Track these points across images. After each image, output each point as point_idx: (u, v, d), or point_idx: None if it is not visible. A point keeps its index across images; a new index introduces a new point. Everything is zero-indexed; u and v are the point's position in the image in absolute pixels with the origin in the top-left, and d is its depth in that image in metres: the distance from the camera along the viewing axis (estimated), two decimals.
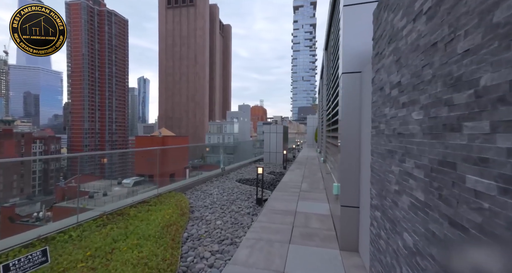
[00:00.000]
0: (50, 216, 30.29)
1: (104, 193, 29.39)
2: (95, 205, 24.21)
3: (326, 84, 6.44)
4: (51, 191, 55.14)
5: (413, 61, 1.16)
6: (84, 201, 25.13)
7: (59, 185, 44.47)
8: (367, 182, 2.36)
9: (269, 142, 10.84)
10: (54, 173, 61.89)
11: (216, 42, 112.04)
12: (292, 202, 4.54)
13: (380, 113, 1.77)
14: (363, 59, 2.59)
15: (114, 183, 39.70)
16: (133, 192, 31.29)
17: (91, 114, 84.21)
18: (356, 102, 2.60)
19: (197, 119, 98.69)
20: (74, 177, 41.63)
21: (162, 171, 16.59)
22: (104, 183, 37.28)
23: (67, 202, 23.51)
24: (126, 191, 32.93)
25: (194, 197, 5.08)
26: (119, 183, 38.98)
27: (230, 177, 7.44)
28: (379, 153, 1.80)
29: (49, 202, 39.24)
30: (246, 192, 5.51)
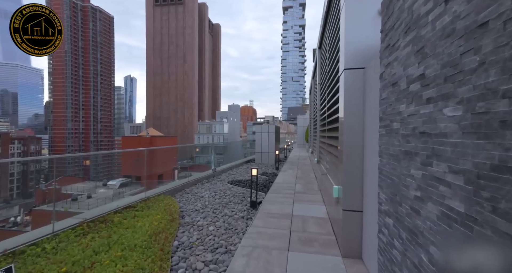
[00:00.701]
0: (28, 220, 28.78)
1: (88, 195, 28.24)
2: (78, 208, 23.19)
3: (320, 83, 6.33)
4: (31, 194, 52.52)
5: (445, 49, 1.01)
6: (67, 204, 24.03)
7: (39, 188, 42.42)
8: (373, 185, 2.22)
9: (261, 142, 10.67)
10: (35, 174, 59.00)
11: (205, 41, 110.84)
12: (288, 204, 4.37)
13: (393, 111, 1.62)
14: (366, 55, 2.45)
15: (99, 185, 38.31)
16: (119, 194, 30.27)
17: (74, 114, 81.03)
18: (359, 100, 2.46)
19: (186, 119, 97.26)
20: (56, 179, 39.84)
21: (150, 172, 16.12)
22: (89, 185, 35.90)
23: (47, 205, 22.35)
24: (112, 193, 31.87)
25: (185, 200, 4.81)
26: (104, 184, 37.66)
27: (221, 179, 7.19)
28: (390, 155, 1.65)
29: (29, 206, 37.32)
30: (239, 194, 5.30)
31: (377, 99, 2.09)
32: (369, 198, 2.29)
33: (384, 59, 1.82)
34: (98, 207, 3.46)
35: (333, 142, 3.96)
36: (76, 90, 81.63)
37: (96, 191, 32.82)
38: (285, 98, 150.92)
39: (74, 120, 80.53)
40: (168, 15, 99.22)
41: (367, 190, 2.35)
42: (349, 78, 2.50)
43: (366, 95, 2.38)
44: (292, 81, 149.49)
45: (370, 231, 2.24)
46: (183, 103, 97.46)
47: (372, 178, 2.23)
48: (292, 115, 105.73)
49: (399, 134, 1.51)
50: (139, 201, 4.09)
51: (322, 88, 5.79)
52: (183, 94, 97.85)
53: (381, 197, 1.86)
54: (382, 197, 1.83)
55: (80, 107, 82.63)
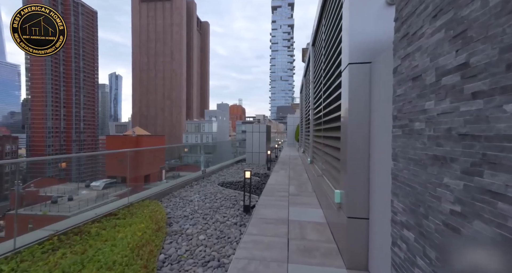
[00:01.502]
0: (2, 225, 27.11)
1: (69, 197, 26.91)
2: (58, 211, 22.02)
3: (314, 81, 6.16)
4: (6, 197, 49.60)
5: (508, 27, 0.79)
6: (46, 207, 22.76)
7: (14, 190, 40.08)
8: (381, 191, 2.03)
9: (252, 142, 10.41)
10: (10, 176, 55.76)
11: (193, 39, 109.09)
12: (283, 208, 4.15)
13: (413, 109, 1.42)
14: (372, 49, 2.26)
15: (81, 186, 36.76)
16: (103, 195, 29.09)
17: (55, 112, 77.29)
18: (364, 97, 2.26)
19: (174, 118, 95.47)
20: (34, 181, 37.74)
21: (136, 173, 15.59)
22: (70, 186, 34.33)
23: (24, 209, 21.04)
24: (96, 195, 30.63)
25: (172, 205, 4.48)
26: (87, 185, 36.16)
27: (211, 180, 6.88)
28: (410, 159, 1.44)
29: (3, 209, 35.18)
30: (230, 197, 5.02)
31: (388, 96, 1.89)
32: (377, 204, 2.09)
33: (400, 51, 1.61)
34: (71, 217, 3.08)
35: (330, 142, 3.77)
36: (57, 87, 77.81)
37: (78, 193, 31.43)
38: (274, 97, 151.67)
39: (55, 119, 76.79)
40: (155, 11, 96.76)
41: (375, 196, 2.15)
42: (354, 73, 2.29)
43: (373, 92, 2.18)
44: (281, 80, 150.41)
45: (379, 241, 2.05)
46: (170, 101, 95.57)
47: (380, 183, 2.03)
48: (281, 114, 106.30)
49: (424, 136, 1.30)
50: (122, 207, 3.72)
51: (317, 86, 5.61)
52: (170, 92, 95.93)
53: (395, 205, 1.66)
54: (397, 206, 1.62)
55: (61, 105, 78.88)
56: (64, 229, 2.76)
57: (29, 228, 14.69)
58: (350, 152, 2.33)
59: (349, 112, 2.33)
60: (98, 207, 3.80)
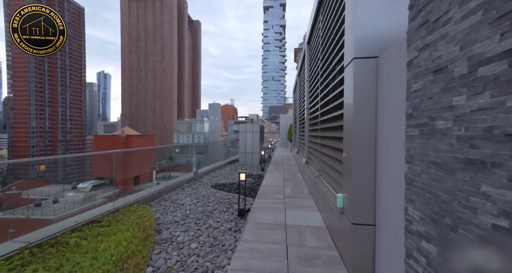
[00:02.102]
0: None
1: (54, 199, 25.89)
2: (42, 214, 21.11)
3: (310, 80, 6.02)
4: None
5: None
6: (28, 211, 21.78)
7: None
8: (390, 196, 1.87)
9: (245, 142, 10.20)
10: None
11: (184, 38, 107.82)
12: (279, 211, 3.97)
13: (435, 106, 1.25)
14: (379, 43, 2.10)
15: (68, 188, 35.53)
16: (90, 197, 28.16)
17: (39, 111, 74.48)
18: (370, 94, 2.10)
19: (165, 118, 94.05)
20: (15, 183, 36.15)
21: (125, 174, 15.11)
22: (55, 188, 33.11)
23: (3, 213, 20.04)
24: (83, 197, 29.69)
25: (162, 210, 4.21)
26: (74, 187, 35.00)
27: (203, 182, 6.62)
28: (432, 162, 1.28)
29: None
30: (224, 200, 4.80)
31: (399, 93, 1.73)
32: (385, 210, 1.94)
33: (417, 42, 1.45)
34: (47, 227, 2.77)
35: (328, 142, 3.62)
36: (41, 86, 74.95)
37: (64, 195, 30.32)
38: (266, 97, 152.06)
39: (39, 118, 73.97)
40: (145, 9, 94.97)
41: (382, 201, 1.99)
42: (359, 68, 2.13)
43: (380, 89, 2.02)
44: (273, 80, 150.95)
45: (387, 250, 1.89)
46: (161, 101, 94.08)
47: (389, 187, 1.88)
48: (273, 114, 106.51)
49: (452, 136, 1.14)
50: (106, 213, 3.43)
51: (313, 85, 5.47)
52: (161, 92, 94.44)
53: (411, 213, 1.49)
54: (413, 214, 1.46)
55: (46, 104, 76.04)
56: (38, 241, 2.46)
57: (10, 233, 13.82)
58: (354, 153, 2.17)
59: (354, 111, 2.16)
60: (80, 213, 3.49)
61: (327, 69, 3.72)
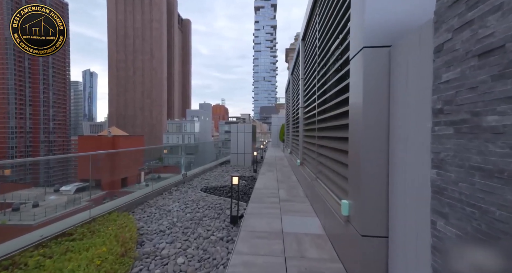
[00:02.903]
0: None
1: (34, 203, 24.59)
2: (20, 219, 19.93)
3: (305, 79, 5.78)
4: None
5: None
6: (5, 216, 20.54)
7: None
8: (406, 204, 1.61)
9: (237, 142, 9.87)
10: None
11: (174, 36, 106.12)
12: (274, 217, 3.68)
13: (482, 98, 1.00)
14: (391, 31, 1.85)
15: (50, 191, 33.99)
16: (74, 200, 26.97)
17: (19, 110, 71.02)
18: (383, 88, 1.85)
19: (154, 118, 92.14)
20: None
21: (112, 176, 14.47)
22: (36, 191, 31.53)
23: None
24: (66, 200, 28.48)
25: (146, 217, 3.83)
26: (56, 190, 33.52)
27: (193, 185, 6.25)
28: (476, 168, 1.03)
29: None
30: (215, 205, 4.46)
31: (421, 85, 1.48)
32: (401, 221, 1.68)
33: (450, 21, 1.19)
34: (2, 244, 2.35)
35: (326, 143, 3.37)
36: (21, 84, 71.47)
37: (45, 198, 28.92)
38: (257, 97, 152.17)
39: (19, 118, 70.49)
40: (133, 6, 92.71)
41: (397, 210, 1.74)
42: (370, 59, 1.87)
43: (395, 81, 1.77)
44: (264, 81, 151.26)
45: (404, 268, 1.63)
46: (150, 101, 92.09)
47: (406, 194, 1.62)
48: (264, 114, 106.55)
49: (510, 136, 0.89)
50: (80, 224, 3.03)
51: (308, 82, 5.23)
52: (150, 91, 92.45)
53: (441, 229, 1.24)
54: (444, 230, 1.21)
55: (26, 103, 72.61)
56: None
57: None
58: (363, 156, 1.91)
59: (363, 107, 1.90)
60: (63, 218, 3.07)
61: (326, 64, 3.47)
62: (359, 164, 1.97)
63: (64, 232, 2.73)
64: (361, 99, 1.92)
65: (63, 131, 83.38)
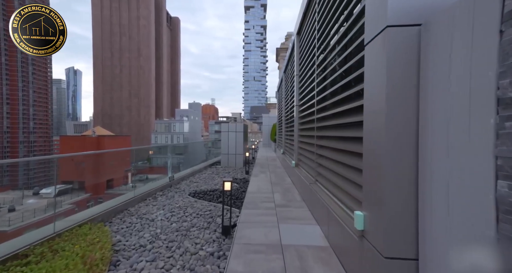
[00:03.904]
0: None
1: (10, 207, 23.12)
2: None
3: (300, 75, 5.44)
4: None
5: None
6: None
7: None
8: (448, 221, 1.27)
9: (228, 142, 9.43)
10: None
11: (163, 35, 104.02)
12: (271, 226, 3.30)
13: None
14: (420, 8, 1.51)
15: (28, 194, 32.21)
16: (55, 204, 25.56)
17: None
18: (410, 76, 1.50)
19: (142, 117, 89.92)
20: None
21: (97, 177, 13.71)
22: (13, 194, 29.79)
23: None
24: (46, 203, 27.02)
25: (125, 229, 3.35)
26: (35, 193, 31.81)
27: (181, 189, 5.78)
28: None
29: None
30: (204, 212, 4.03)
31: (473, 69, 1.14)
32: (440, 242, 1.34)
33: None
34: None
35: (330, 144, 3.03)
36: None
37: (23, 202, 27.33)
38: (247, 97, 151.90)
39: None
40: (119, 2, 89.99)
41: (433, 228, 1.39)
42: (395, 40, 1.52)
43: (430, 68, 1.42)
44: (254, 80, 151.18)
45: None
46: (138, 100, 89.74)
47: (450, 208, 1.28)
48: (254, 114, 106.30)
49: None
50: (40, 241, 2.53)
51: (305, 79, 4.88)
52: (138, 90, 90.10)
53: None
54: None
55: (3, 101, 68.74)
56: None
57: None
58: (386, 159, 1.55)
59: (386, 100, 1.55)
60: (44, 224, 2.55)
61: (328, 57, 3.12)
62: (379, 169, 1.62)
63: (17, 253, 2.23)
64: (384, 91, 1.57)
65: (45, 131, 79.69)
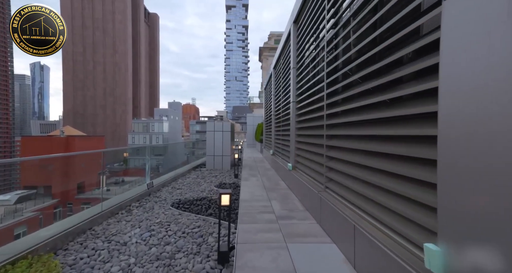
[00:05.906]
0: None
1: None
2: None
3: (298, 68, 4.87)
4: None
5: None
6: None
7: None
8: None
9: (213, 143, 8.64)
10: None
11: (140, 31, 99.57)
12: (278, 247, 2.66)
13: None
14: None
15: None
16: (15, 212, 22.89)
17: None
18: None
19: (118, 117, 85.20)
20: None
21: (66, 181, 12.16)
22: None
23: None
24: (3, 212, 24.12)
25: (85, 259, 2.52)
26: None
27: (161, 198, 4.94)
28: None
29: None
30: (192, 230, 3.28)
31: None
32: None
33: None
34: None
35: (344, 144, 2.46)
36: None
37: None
38: (229, 97, 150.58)
39: None
40: None
41: None
42: None
43: None
44: (236, 80, 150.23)
45: None
46: (113, 98, 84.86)
47: None
48: (237, 114, 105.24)
49: None
50: None
51: (307, 70, 4.30)
52: (113, 88, 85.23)
53: None
54: None
55: None
56: None
57: None
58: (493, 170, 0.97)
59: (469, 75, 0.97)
60: None
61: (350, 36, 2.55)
62: (484, 183, 1.03)
63: None
64: (486, 61, 0.99)
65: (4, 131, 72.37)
